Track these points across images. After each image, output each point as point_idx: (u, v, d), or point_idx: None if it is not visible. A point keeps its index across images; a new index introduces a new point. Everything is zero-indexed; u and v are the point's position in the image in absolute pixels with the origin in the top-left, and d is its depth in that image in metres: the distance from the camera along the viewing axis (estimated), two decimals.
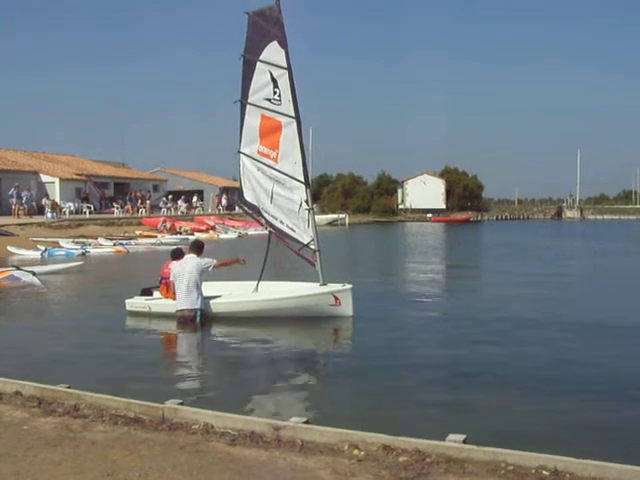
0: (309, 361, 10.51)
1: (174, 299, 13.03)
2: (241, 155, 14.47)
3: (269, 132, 13.87)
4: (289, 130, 13.57)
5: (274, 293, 13.87)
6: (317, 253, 13.60)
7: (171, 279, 13.12)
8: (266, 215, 14.31)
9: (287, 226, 13.96)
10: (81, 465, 4.95)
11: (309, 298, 13.30)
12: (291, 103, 13.44)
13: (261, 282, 14.11)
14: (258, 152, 14.08)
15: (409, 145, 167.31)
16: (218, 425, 5.74)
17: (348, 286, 13.13)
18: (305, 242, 13.76)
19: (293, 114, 13.46)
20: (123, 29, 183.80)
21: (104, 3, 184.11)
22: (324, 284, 13.40)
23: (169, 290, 13.36)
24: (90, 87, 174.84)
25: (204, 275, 13.01)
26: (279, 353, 11.07)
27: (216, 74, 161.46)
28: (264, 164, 14.01)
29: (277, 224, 14.12)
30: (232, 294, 13.80)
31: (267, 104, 13.77)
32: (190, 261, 13.00)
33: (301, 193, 13.60)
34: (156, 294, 13.99)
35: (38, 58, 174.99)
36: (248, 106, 14.14)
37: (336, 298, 12.97)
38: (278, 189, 13.85)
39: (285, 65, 13.42)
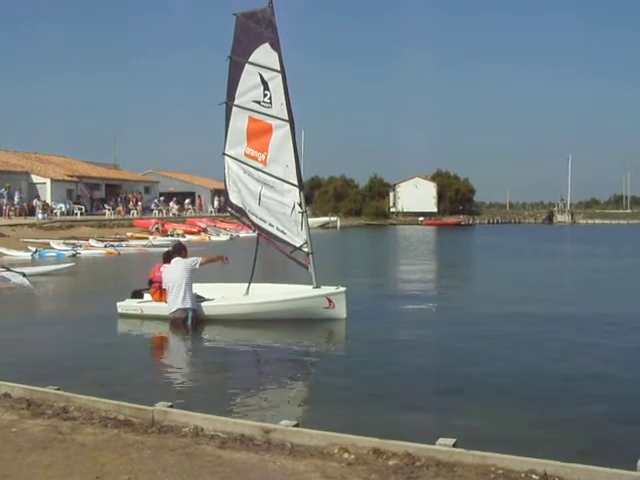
0: (301, 364, 10.50)
1: (166, 302, 13.00)
2: (226, 157, 14.41)
3: (257, 134, 13.81)
4: (280, 133, 13.53)
5: (268, 296, 13.83)
6: (310, 256, 13.59)
7: (164, 286, 13.07)
8: (253, 217, 14.25)
9: (277, 229, 13.91)
10: (70, 467, 4.93)
11: (303, 301, 13.27)
12: (284, 106, 13.40)
13: (255, 285, 14.07)
14: (245, 154, 14.01)
15: (401, 148, 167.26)
16: (208, 428, 5.73)
17: (342, 289, 13.11)
18: (297, 245, 13.72)
19: (285, 117, 13.42)
20: (116, 32, 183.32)
21: (98, 8, 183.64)
22: (317, 287, 13.39)
23: (162, 295, 13.30)
24: (82, 88, 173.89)
25: (194, 274, 12.99)
26: (271, 356, 11.06)
27: (209, 76, 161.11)
28: (251, 166, 13.96)
29: (266, 227, 14.06)
30: (225, 297, 13.78)
31: (256, 106, 13.71)
32: (177, 264, 12.98)
33: (294, 196, 13.57)
34: (147, 296, 13.94)
35: (31, 60, 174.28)
36: (234, 108, 14.07)
37: (330, 301, 12.96)
38: (267, 192, 13.80)
39: (277, 67, 13.38)
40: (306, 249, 13.64)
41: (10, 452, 5.24)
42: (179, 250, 13.49)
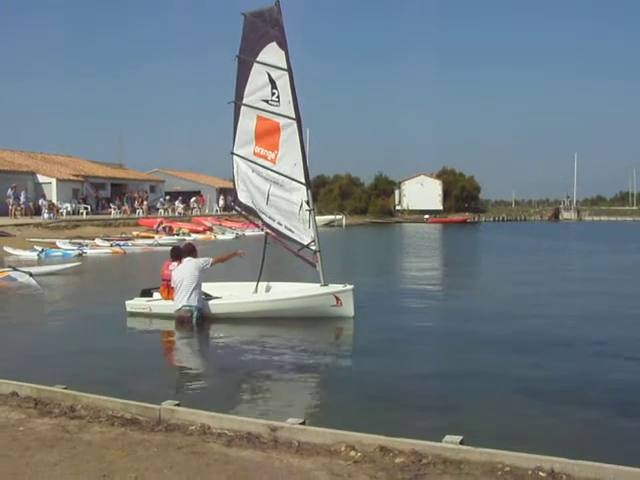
0: (308, 362, 10.49)
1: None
2: (234, 156, 14.42)
3: (266, 133, 13.82)
4: (288, 131, 13.53)
5: (276, 294, 13.84)
6: (318, 254, 13.59)
7: (172, 284, 13.08)
8: (262, 216, 14.27)
9: (285, 227, 13.92)
10: (77, 466, 4.94)
11: (310, 299, 13.27)
12: (291, 104, 13.39)
13: (263, 283, 14.11)
14: (254, 153, 14.02)
15: (406, 146, 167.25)
16: (215, 426, 5.73)
17: (349, 287, 13.10)
18: (305, 243, 13.72)
19: (293, 115, 13.41)
20: (122, 32, 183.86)
21: (102, 6, 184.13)
22: (325, 285, 13.39)
23: (170, 292, 13.33)
24: (88, 88, 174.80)
25: (203, 274, 13.03)
26: (278, 354, 11.06)
27: (215, 76, 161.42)
28: (260, 165, 13.96)
29: (274, 225, 14.08)
30: (233, 295, 13.79)
31: (264, 105, 13.72)
32: (189, 263, 13.01)
33: (301, 194, 13.56)
34: (156, 295, 13.97)
35: (37, 60, 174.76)
36: (243, 107, 14.08)
37: (337, 299, 12.95)
38: (275, 190, 13.80)
39: (285, 66, 13.37)
40: (314, 247, 13.64)
41: (17, 451, 5.26)
42: (189, 250, 13.49)
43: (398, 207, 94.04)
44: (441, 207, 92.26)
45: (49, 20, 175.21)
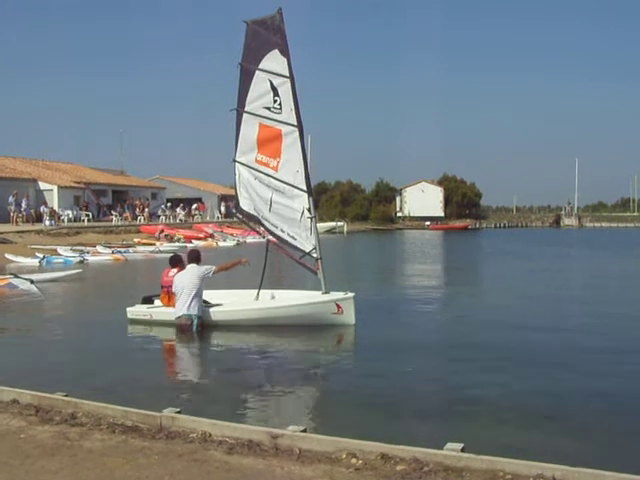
0: (308, 370, 10.48)
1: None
2: (236, 164, 14.43)
3: (268, 141, 13.83)
4: (290, 139, 13.54)
5: (276, 301, 13.83)
6: (319, 261, 13.58)
7: (174, 290, 13.08)
8: (265, 223, 14.27)
9: (288, 234, 13.91)
10: (78, 474, 4.94)
11: (311, 306, 13.25)
12: (293, 111, 13.40)
13: (263, 290, 14.08)
14: (256, 161, 14.03)
15: (408, 153, 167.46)
16: (216, 433, 5.73)
17: (351, 294, 13.09)
18: (307, 250, 13.71)
19: (294, 122, 13.43)
20: (122, 37, 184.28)
21: (102, 11, 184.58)
22: (326, 292, 13.38)
23: (170, 299, 13.34)
24: (89, 95, 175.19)
25: (205, 282, 13.03)
26: (279, 361, 11.06)
27: (216, 82, 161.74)
28: (263, 173, 13.97)
29: (277, 232, 14.08)
30: (234, 302, 13.78)
31: (266, 112, 13.74)
32: (191, 270, 13.02)
33: (303, 201, 13.56)
34: (157, 302, 13.97)
35: (37, 65, 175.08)
36: (245, 114, 14.10)
37: (338, 306, 12.93)
38: (278, 198, 13.81)
39: (287, 74, 13.40)
40: (315, 254, 13.63)
41: (18, 458, 5.25)
42: (194, 257, 13.45)
43: (399, 214, 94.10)
44: (442, 214, 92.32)
45: (49, 21, 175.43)
